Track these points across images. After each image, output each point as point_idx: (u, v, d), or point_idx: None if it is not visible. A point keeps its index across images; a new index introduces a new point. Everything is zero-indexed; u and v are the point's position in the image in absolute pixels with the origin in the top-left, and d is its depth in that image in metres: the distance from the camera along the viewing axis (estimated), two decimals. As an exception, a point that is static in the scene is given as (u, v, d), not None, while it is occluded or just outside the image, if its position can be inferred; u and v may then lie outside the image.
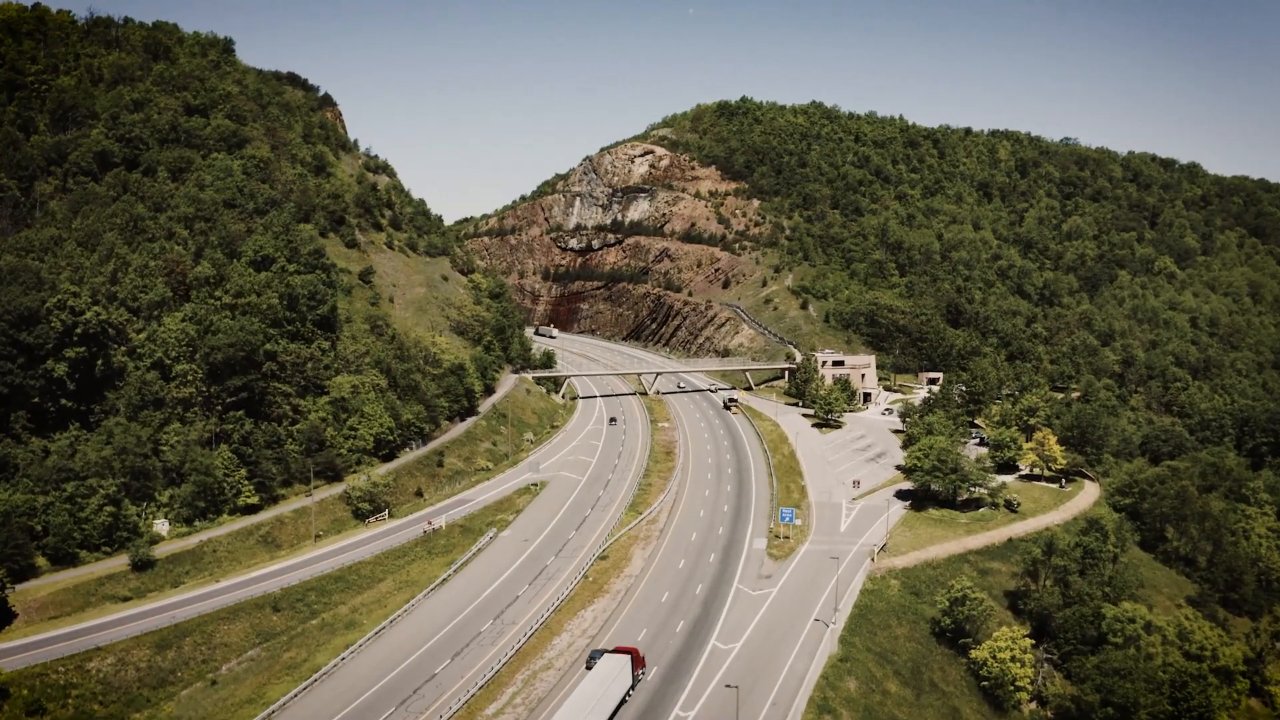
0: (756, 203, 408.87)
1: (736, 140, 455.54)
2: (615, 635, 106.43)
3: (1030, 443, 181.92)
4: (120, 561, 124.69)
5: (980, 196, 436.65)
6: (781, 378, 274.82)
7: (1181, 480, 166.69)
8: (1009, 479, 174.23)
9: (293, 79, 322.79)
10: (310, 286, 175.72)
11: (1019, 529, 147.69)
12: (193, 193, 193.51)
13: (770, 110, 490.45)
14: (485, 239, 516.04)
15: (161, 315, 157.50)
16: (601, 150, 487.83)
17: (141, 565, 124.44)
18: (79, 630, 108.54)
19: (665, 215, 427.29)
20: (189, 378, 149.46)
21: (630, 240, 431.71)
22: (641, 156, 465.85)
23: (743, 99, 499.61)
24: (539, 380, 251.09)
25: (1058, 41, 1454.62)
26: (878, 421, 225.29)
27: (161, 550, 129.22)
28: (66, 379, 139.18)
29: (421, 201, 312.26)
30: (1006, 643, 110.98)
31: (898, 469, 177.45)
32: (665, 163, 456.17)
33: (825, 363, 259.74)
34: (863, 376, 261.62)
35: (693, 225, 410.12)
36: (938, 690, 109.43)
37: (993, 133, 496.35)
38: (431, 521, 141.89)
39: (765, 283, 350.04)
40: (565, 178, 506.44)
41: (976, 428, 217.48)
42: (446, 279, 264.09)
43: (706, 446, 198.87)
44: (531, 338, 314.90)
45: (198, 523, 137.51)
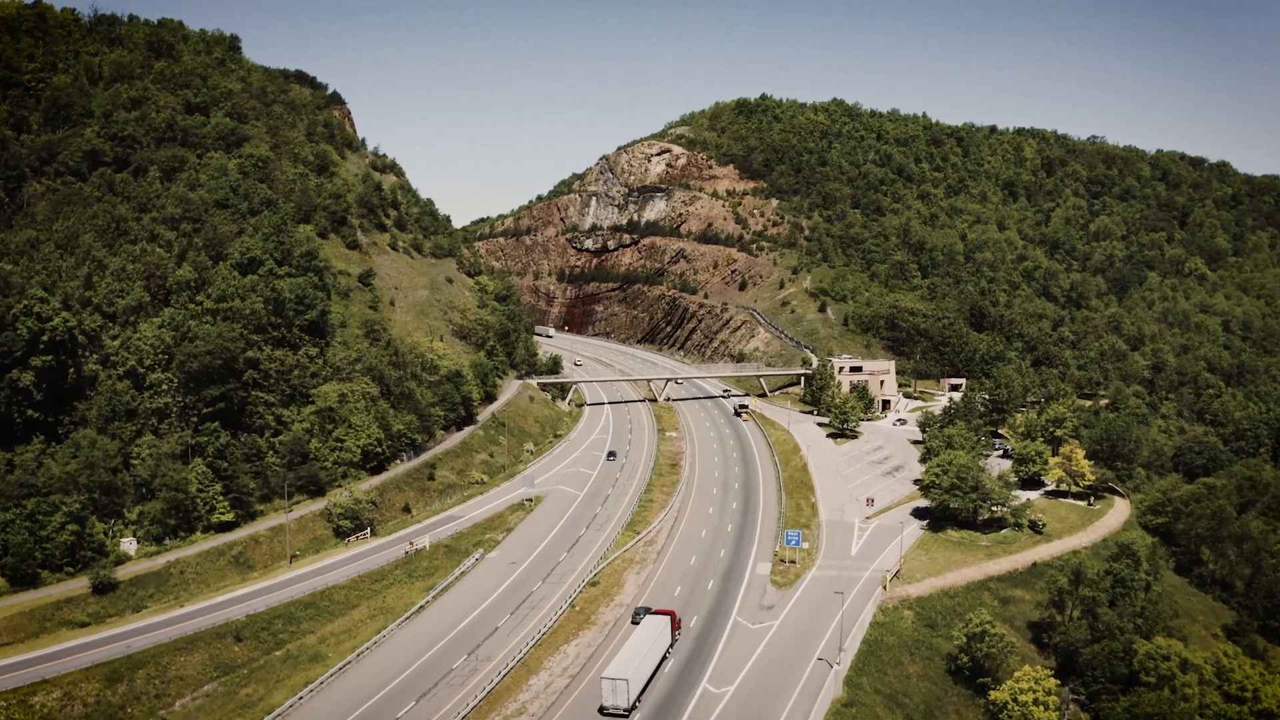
0: (775, 202, 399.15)
1: (755, 139, 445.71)
2: (600, 674, 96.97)
3: (1057, 457, 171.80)
4: (82, 583, 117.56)
5: (1005, 196, 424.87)
6: (797, 384, 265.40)
7: (1218, 499, 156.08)
8: (1034, 495, 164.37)
9: (300, 77, 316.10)
10: (299, 290, 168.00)
11: (1044, 552, 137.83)
12: (182, 193, 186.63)
13: (790, 108, 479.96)
14: (500, 239, 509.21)
15: (138, 321, 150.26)
16: (618, 149, 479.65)
17: (103, 588, 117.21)
18: (29, 660, 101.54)
19: (682, 215, 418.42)
20: (163, 387, 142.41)
21: (646, 241, 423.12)
22: (658, 156, 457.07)
23: (762, 96, 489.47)
24: (544, 386, 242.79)
25: (1084, 39, 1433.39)
26: (896, 431, 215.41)
27: (126, 571, 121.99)
28: (33, 389, 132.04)
29: (429, 201, 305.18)
30: (1029, 683, 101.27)
31: (915, 484, 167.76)
32: (682, 162, 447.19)
33: (842, 369, 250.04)
34: (881, 383, 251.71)
35: (709, 225, 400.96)
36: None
37: (1018, 131, 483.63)
38: (413, 542, 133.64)
39: (783, 284, 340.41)
40: (582, 177, 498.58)
41: (1000, 438, 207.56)
42: (451, 281, 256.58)
43: (714, 459, 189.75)
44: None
45: (168, 541, 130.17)
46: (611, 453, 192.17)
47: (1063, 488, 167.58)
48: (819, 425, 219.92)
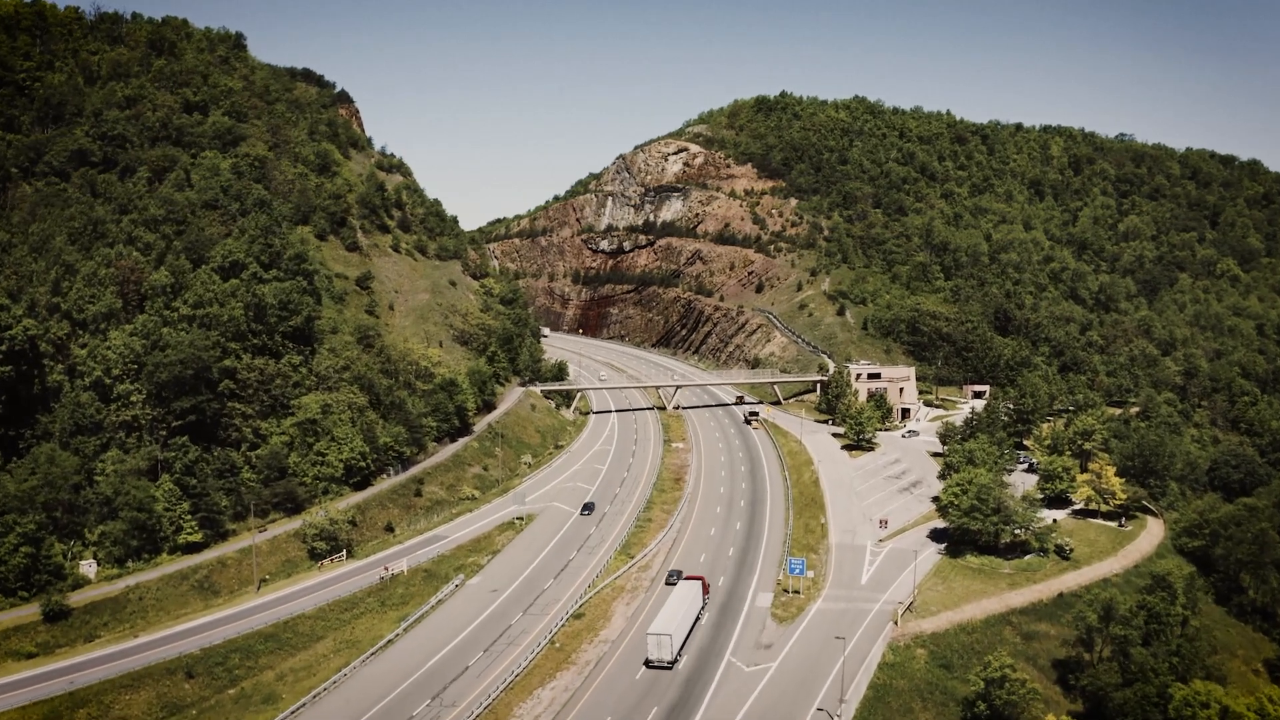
0: (794, 202, 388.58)
1: (774, 137, 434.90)
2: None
3: (1085, 474, 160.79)
4: (34, 610, 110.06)
5: (1031, 195, 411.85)
6: (813, 391, 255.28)
7: (1260, 522, 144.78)
8: (1061, 515, 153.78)
9: (307, 75, 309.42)
10: (283, 295, 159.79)
11: (1071, 580, 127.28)
12: (167, 194, 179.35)
13: (810, 105, 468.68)
14: (516, 240, 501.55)
15: (108, 329, 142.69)
16: (635, 149, 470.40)
17: (55, 615, 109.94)
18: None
19: (699, 215, 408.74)
20: (132, 399, 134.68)
21: (662, 242, 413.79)
22: (675, 155, 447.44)
23: (782, 94, 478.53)
24: (548, 394, 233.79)
25: (1111, 35, 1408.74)
26: (913, 443, 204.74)
27: (83, 597, 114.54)
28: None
29: (436, 202, 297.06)
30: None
31: (934, 501, 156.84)
32: (700, 160, 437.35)
33: (860, 375, 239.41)
34: (901, 390, 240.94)
35: (726, 226, 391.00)
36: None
37: (1044, 128, 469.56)
38: (388, 567, 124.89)
39: (800, 286, 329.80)
40: (598, 177, 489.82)
41: (1024, 450, 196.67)
42: (455, 284, 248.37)
43: (721, 472, 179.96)
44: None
45: (131, 564, 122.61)
46: (589, 505, 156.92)
47: (1092, 506, 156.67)
48: (834, 436, 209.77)
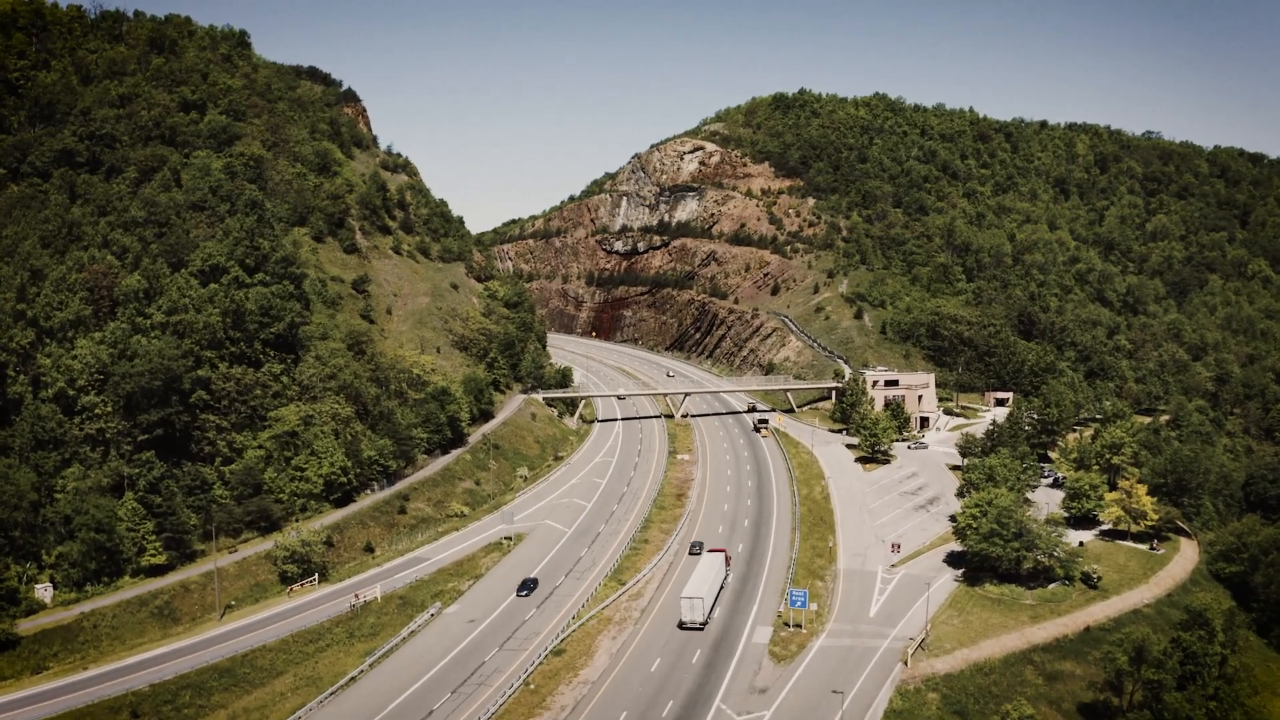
0: (811, 201, 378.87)
1: (792, 135, 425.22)
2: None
3: (1114, 492, 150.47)
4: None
5: (1056, 193, 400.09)
6: (828, 398, 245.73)
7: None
8: (1087, 536, 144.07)
9: (313, 73, 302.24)
10: (265, 300, 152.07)
11: (1099, 613, 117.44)
12: (150, 195, 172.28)
13: (829, 103, 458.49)
14: (530, 241, 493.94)
15: (76, 337, 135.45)
16: (651, 147, 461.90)
17: (2, 644, 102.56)
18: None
19: (714, 215, 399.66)
20: (97, 411, 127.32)
21: (677, 242, 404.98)
22: (691, 153, 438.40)
23: (800, 91, 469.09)
24: (551, 401, 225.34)
25: (1138, 31, 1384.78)
26: (932, 455, 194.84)
27: (34, 624, 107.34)
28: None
29: (441, 202, 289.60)
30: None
31: (951, 521, 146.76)
32: (716, 159, 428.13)
33: (876, 383, 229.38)
34: (920, 398, 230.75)
35: (742, 226, 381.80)
36: None
37: (1070, 126, 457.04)
38: (359, 594, 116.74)
39: (817, 289, 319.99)
40: (613, 177, 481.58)
41: (1048, 463, 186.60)
42: (457, 287, 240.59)
43: (726, 488, 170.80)
44: None
45: (89, 587, 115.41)
46: (530, 582, 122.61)
47: (1121, 527, 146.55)
48: (848, 447, 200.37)
